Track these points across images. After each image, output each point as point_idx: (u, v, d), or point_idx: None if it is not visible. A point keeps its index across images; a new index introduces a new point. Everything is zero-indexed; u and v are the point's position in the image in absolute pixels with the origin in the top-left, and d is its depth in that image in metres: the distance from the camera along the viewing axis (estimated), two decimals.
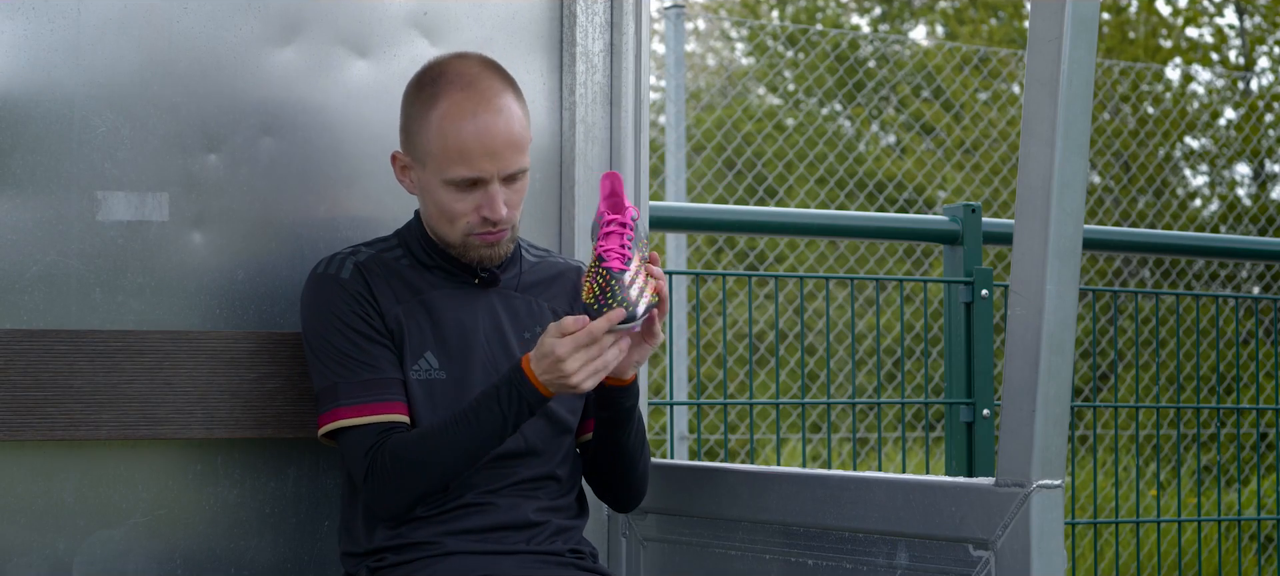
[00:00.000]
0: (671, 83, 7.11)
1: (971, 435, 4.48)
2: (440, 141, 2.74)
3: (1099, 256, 10.04)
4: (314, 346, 2.79)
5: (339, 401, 2.75)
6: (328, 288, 2.79)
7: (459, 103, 2.74)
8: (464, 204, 2.76)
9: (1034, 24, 2.41)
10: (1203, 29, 12.91)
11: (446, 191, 2.76)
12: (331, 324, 2.78)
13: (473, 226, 2.78)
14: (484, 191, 2.75)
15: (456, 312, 2.83)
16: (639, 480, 2.91)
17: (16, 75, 2.81)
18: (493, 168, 2.74)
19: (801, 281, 4.70)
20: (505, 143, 2.74)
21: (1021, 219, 2.41)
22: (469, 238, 2.79)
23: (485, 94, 2.75)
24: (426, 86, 2.79)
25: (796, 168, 9.75)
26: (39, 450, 2.81)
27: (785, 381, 8.57)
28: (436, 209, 2.78)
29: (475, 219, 2.77)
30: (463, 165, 2.74)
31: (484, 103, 2.75)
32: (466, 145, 2.73)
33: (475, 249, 2.80)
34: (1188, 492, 7.85)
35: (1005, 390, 2.43)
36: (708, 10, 12.99)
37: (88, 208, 2.84)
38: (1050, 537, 2.43)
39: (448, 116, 2.74)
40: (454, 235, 2.79)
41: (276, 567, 2.96)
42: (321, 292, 2.80)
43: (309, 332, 2.80)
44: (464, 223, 2.77)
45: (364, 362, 2.76)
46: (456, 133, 2.73)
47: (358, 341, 2.77)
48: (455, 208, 2.76)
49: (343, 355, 2.76)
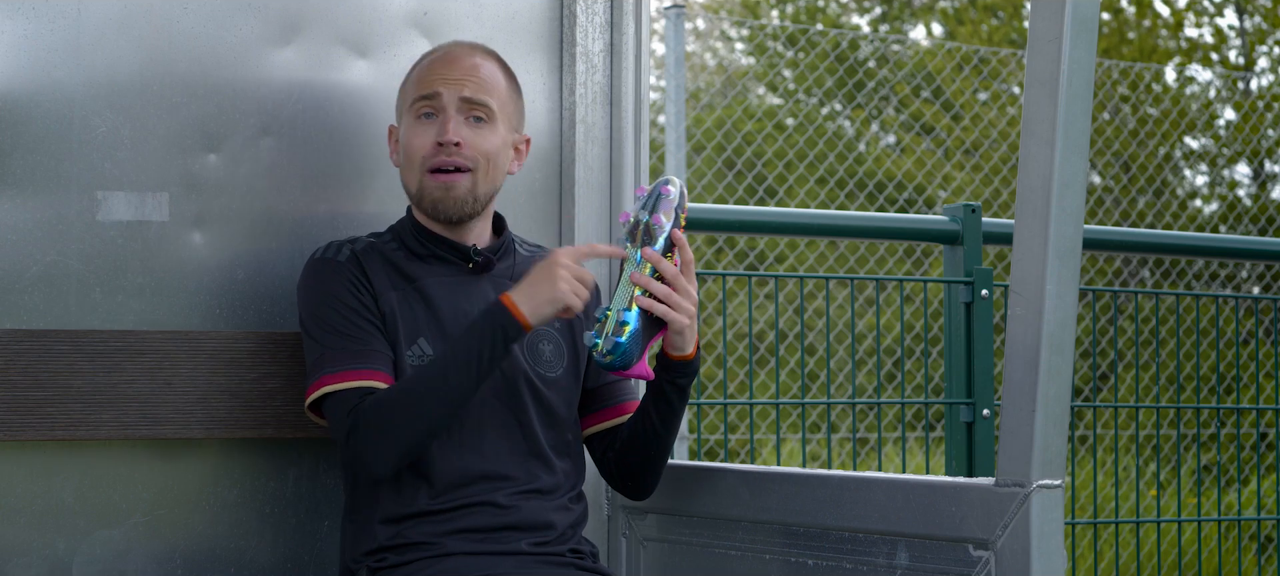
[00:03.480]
0: (671, 83, 7.11)
1: (971, 435, 4.48)
2: (411, 81, 2.86)
3: (1099, 256, 10.03)
4: (307, 325, 2.80)
5: (324, 370, 2.76)
6: (324, 270, 2.80)
7: (439, 52, 2.88)
8: (422, 136, 2.81)
9: (1034, 24, 2.41)
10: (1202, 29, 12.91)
11: (409, 128, 2.83)
12: (325, 301, 2.78)
13: (427, 160, 2.80)
14: (440, 117, 2.81)
15: (451, 299, 2.84)
16: (662, 467, 2.93)
17: (16, 75, 2.81)
18: (446, 88, 2.81)
19: (801, 281, 4.70)
20: (466, 68, 2.83)
21: (1021, 219, 2.41)
22: (425, 178, 2.81)
23: (467, 47, 2.88)
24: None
25: (796, 168, 9.75)
26: (39, 450, 2.81)
27: (785, 381, 8.57)
28: (404, 158, 2.84)
29: (430, 149, 2.80)
30: (421, 86, 2.83)
31: (460, 46, 2.88)
32: (427, 70, 2.84)
33: (430, 192, 2.82)
34: (1188, 492, 7.84)
35: (1005, 390, 2.43)
36: (708, 10, 12.99)
37: (88, 208, 2.84)
38: (1050, 537, 2.43)
39: (425, 62, 2.87)
40: (414, 179, 2.83)
41: (276, 567, 2.96)
42: (318, 274, 2.81)
43: (304, 313, 2.81)
44: (420, 158, 2.81)
45: (353, 337, 2.76)
46: (429, 68, 2.85)
47: (350, 316, 2.77)
48: (414, 142, 2.82)
49: (333, 330, 2.77)
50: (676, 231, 2.77)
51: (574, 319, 2.92)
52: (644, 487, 2.95)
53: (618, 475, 2.95)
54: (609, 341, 2.72)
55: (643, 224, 2.77)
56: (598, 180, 3.21)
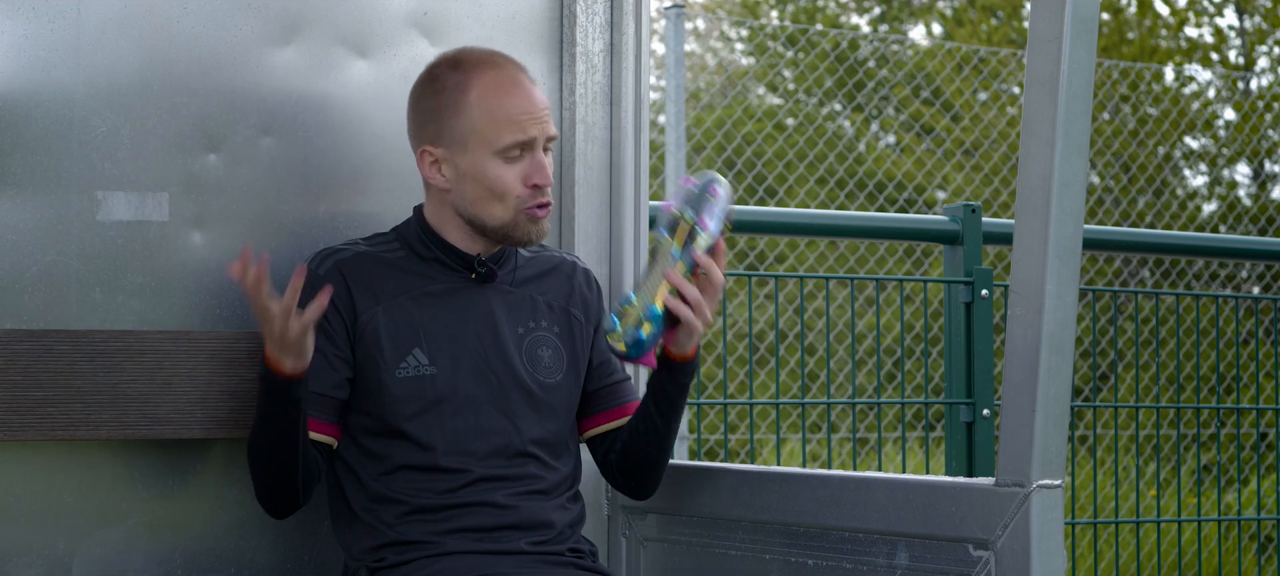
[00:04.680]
0: (671, 83, 7.11)
1: (971, 435, 4.48)
2: (486, 116, 2.80)
3: (1099, 256, 10.04)
4: None
5: None
6: (307, 282, 2.79)
7: (495, 78, 2.82)
8: (513, 175, 2.81)
9: (1034, 24, 2.41)
10: (1202, 29, 12.91)
11: (496, 165, 2.80)
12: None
13: (523, 200, 2.81)
14: (531, 159, 2.81)
15: (449, 308, 2.84)
16: (664, 467, 2.93)
17: (16, 75, 2.81)
18: (539, 130, 2.82)
19: (801, 281, 4.70)
20: (543, 107, 2.84)
21: (1021, 219, 2.41)
22: (520, 214, 2.82)
23: (514, 68, 2.85)
24: (448, 74, 2.84)
25: (796, 168, 9.75)
26: (39, 450, 2.81)
27: (785, 381, 8.57)
28: (485, 189, 2.81)
29: (525, 191, 2.81)
30: (513, 131, 2.80)
31: (517, 73, 2.85)
32: (515, 111, 2.80)
33: (524, 226, 2.83)
34: (1188, 492, 7.84)
35: (1005, 390, 2.43)
36: (708, 10, 12.99)
37: (88, 208, 2.84)
38: (1050, 537, 2.43)
39: (489, 92, 2.81)
40: (505, 213, 2.82)
41: (276, 567, 2.96)
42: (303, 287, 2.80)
43: None
44: (514, 198, 2.81)
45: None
46: (501, 103, 2.80)
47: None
48: (506, 181, 2.80)
49: None
50: (721, 240, 2.77)
51: (573, 324, 2.92)
52: (647, 487, 2.95)
53: (620, 475, 2.95)
54: (630, 334, 2.72)
55: (689, 223, 2.75)
56: (598, 180, 3.21)
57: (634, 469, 2.93)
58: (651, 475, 2.93)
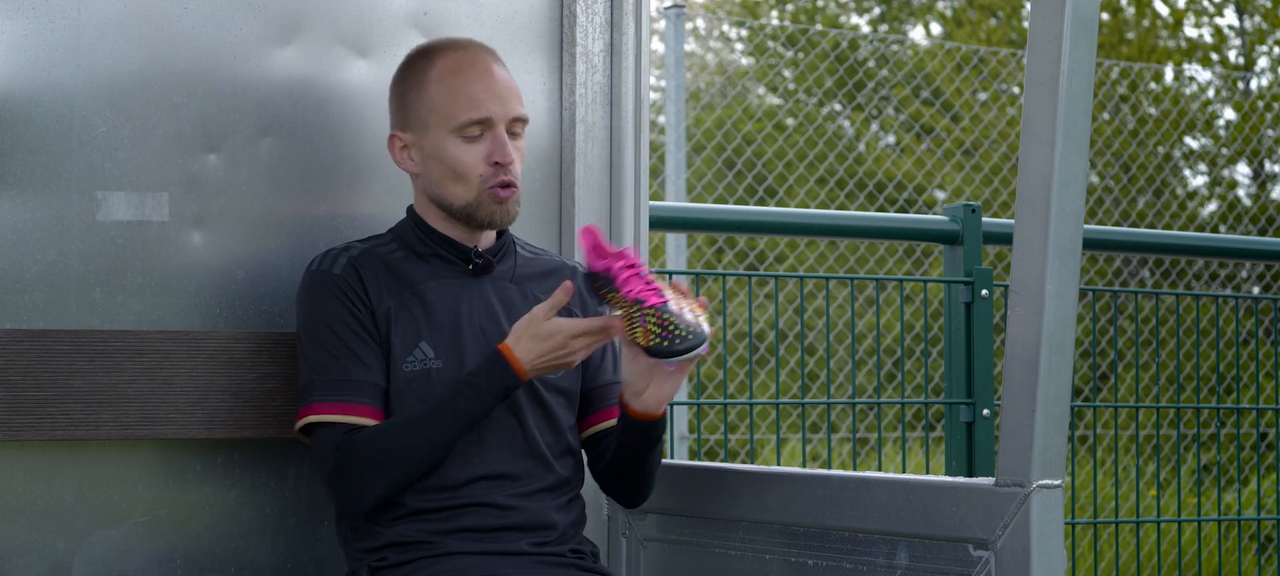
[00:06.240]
0: (671, 83, 7.12)
1: (971, 435, 4.48)
2: (446, 95, 2.81)
3: (1099, 256, 10.04)
4: (302, 341, 2.81)
5: (313, 397, 2.77)
6: (320, 284, 2.80)
7: (456, 58, 2.84)
8: (473, 154, 2.81)
9: (1034, 24, 2.41)
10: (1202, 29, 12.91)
11: (455, 144, 2.80)
12: (320, 321, 2.78)
13: (485, 179, 2.81)
14: (492, 136, 2.81)
15: (451, 301, 2.84)
16: (653, 482, 2.93)
17: (16, 75, 2.81)
18: (499, 109, 2.81)
19: (801, 281, 4.70)
20: (506, 86, 2.83)
21: (1021, 219, 2.41)
22: (482, 193, 2.81)
23: (480, 52, 2.85)
24: (417, 60, 2.87)
25: (796, 168, 9.75)
26: (39, 450, 2.81)
27: (785, 381, 8.57)
28: (447, 170, 2.82)
29: (487, 169, 2.81)
30: (470, 108, 2.80)
31: (480, 53, 2.85)
32: (473, 89, 2.81)
33: (487, 206, 2.82)
34: (1188, 492, 7.84)
35: (1005, 390, 2.43)
36: (708, 10, 12.99)
37: (88, 208, 2.84)
38: (1050, 537, 2.43)
39: (448, 70, 2.82)
40: (467, 193, 2.82)
41: (276, 568, 2.96)
42: (314, 289, 2.81)
43: (300, 328, 2.82)
44: (476, 177, 2.81)
45: (345, 363, 2.76)
46: (461, 80, 2.81)
47: (345, 338, 2.77)
48: (466, 160, 2.80)
49: (326, 353, 2.77)
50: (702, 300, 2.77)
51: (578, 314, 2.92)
52: (636, 498, 2.95)
53: (605, 484, 2.96)
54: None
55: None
56: (598, 180, 3.21)
57: (620, 481, 2.94)
58: (636, 493, 2.94)
